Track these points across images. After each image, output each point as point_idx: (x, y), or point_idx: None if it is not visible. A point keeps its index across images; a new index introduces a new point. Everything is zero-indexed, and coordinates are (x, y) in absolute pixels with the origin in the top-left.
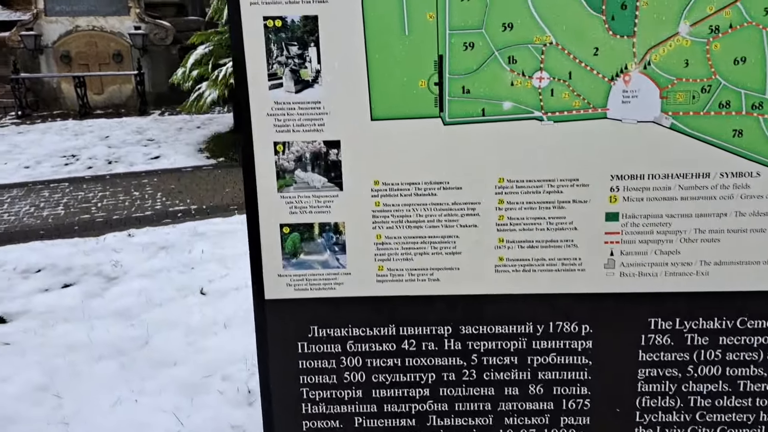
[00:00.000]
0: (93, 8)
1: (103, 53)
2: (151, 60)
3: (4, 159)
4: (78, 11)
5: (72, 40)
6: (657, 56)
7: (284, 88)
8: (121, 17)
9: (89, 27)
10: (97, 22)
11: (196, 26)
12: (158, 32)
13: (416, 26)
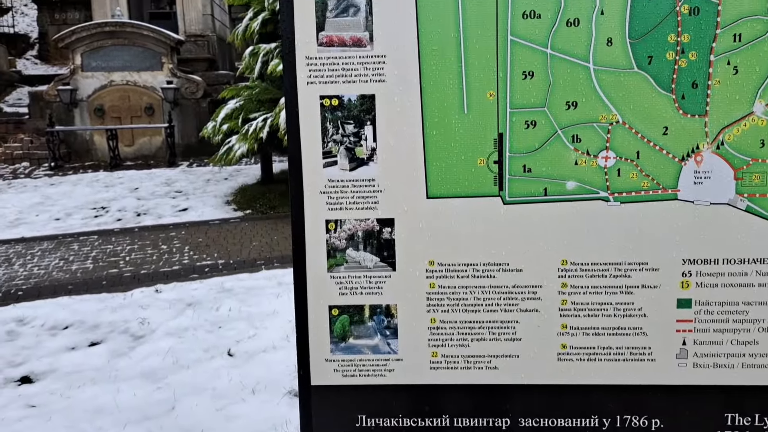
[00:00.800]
0: (128, 64)
1: (136, 106)
2: (181, 113)
3: (36, 211)
4: (113, 67)
5: (106, 94)
6: (730, 136)
7: (339, 165)
8: (154, 72)
9: (123, 81)
10: (131, 77)
11: (226, 80)
12: (189, 86)
13: (476, 104)
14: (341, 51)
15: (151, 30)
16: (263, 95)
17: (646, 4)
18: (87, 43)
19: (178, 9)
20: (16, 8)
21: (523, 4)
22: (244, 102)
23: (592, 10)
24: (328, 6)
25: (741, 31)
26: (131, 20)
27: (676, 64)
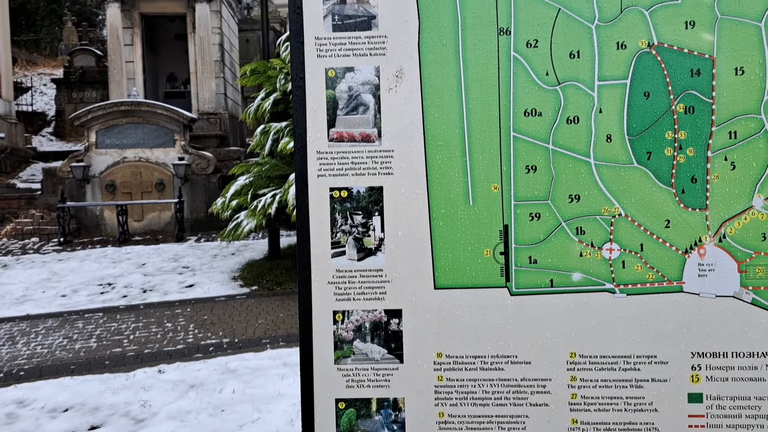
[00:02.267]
0: (141, 141)
1: (147, 182)
2: (191, 188)
3: (43, 287)
4: (127, 144)
5: (118, 170)
6: (732, 229)
7: (347, 256)
8: (167, 149)
9: (136, 158)
10: (144, 154)
11: (236, 156)
12: (200, 162)
13: (481, 197)
14: (351, 146)
15: (165, 109)
16: (273, 171)
17: (642, 103)
18: (102, 121)
19: (192, 88)
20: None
21: (524, 103)
22: (253, 178)
23: (591, 109)
24: (338, 104)
25: (736, 128)
26: (146, 99)
27: (675, 159)
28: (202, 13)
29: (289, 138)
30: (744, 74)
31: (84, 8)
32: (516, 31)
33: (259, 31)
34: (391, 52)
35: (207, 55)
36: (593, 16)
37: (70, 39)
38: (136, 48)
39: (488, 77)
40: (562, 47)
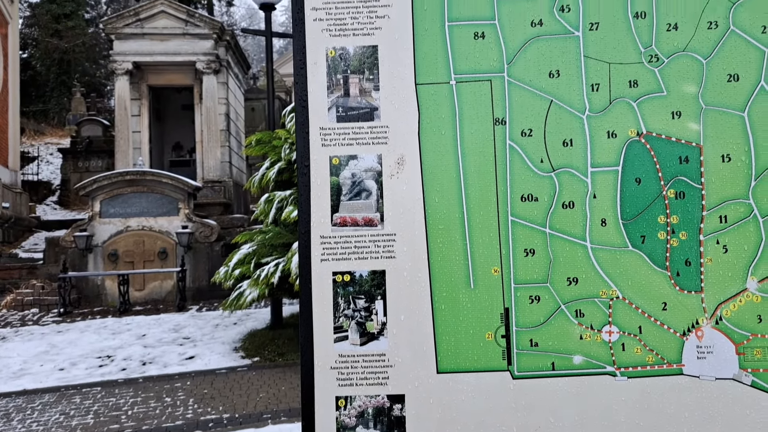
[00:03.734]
0: (145, 210)
1: (150, 251)
2: (194, 256)
3: (41, 360)
4: (131, 213)
5: (121, 239)
6: (728, 312)
7: (349, 341)
8: (171, 217)
9: (139, 227)
10: (147, 223)
11: (240, 224)
12: (204, 230)
13: (482, 279)
14: (354, 230)
15: (170, 178)
16: (276, 240)
17: (634, 189)
18: (107, 190)
19: (197, 157)
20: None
21: (521, 188)
22: (257, 247)
23: (585, 194)
24: (342, 190)
25: (726, 212)
26: (152, 169)
27: (668, 243)
28: (209, 85)
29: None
30: (731, 161)
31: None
32: (511, 121)
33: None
34: (393, 140)
35: (213, 124)
36: (584, 107)
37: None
38: (143, 118)
39: (486, 164)
40: (556, 136)
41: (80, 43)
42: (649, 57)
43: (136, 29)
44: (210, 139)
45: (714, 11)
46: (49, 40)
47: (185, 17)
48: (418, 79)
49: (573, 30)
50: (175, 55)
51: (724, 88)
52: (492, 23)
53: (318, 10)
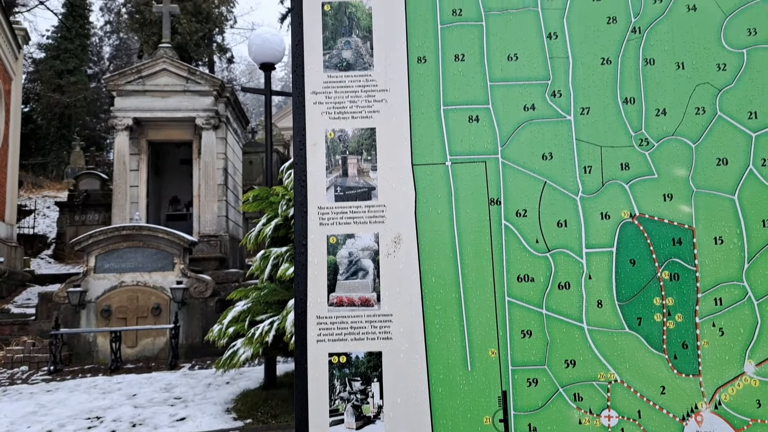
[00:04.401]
0: (140, 265)
1: (143, 307)
2: (188, 312)
3: (29, 421)
4: (125, 268)
5: (115, 294)
6: (727, 396)
7: (345, 424)
8: (165, 273)
9: (134, 282)
10: (142, 278)
11: (235, 278)
12: (198, 286)
13: (479, 362)
14: (350, 310)
15: (166, 233)
16: (271, 297)
17: (629, 270)
18: (103, 245)
19: (194, 212)
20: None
21: (516, 269)
22: (251, 304)
23: (581, 275)
24: (339, 269)
25: (720, 295)
26: (148, 224)
27: (665, 325)
28: (208, 140)
29: (289, 264)
30: (723, 243)
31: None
32: (506, 201)
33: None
34: (390, 220)
35: (211, 179)
36: (577, 188)
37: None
38: (141, 173)
39: (481, 244)
40: (550, 216)
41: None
42: (640, 141)
43: (137, 86)
44: (207, 193)
45: (701, 97)
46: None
47: (186, 74)
48: (415, 159)
49: (565, 114)
50: (175, 111)
51: (714, 172)
52: (486, 107)
53: (318, 94)
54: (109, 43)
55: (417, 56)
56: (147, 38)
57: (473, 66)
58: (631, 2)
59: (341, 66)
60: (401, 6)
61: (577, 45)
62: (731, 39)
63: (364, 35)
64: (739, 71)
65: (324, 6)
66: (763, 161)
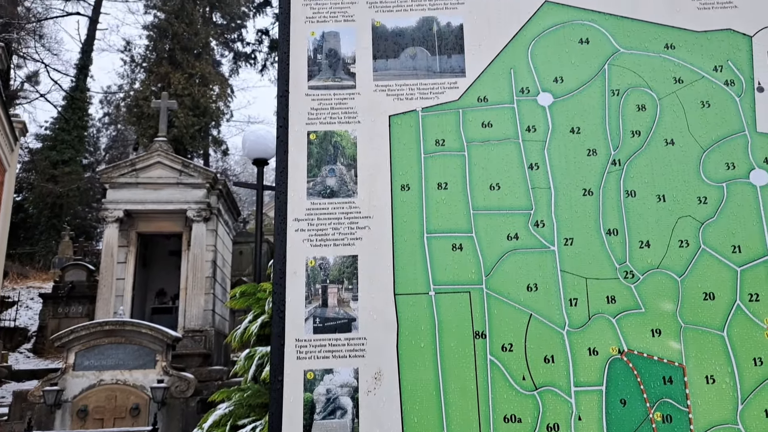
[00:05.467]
0: (121, 362)
1: (121, 407)
2: (168, 412)
3: None
4: (105, 365)
5: (93, 393)
6: None
7: None
8: (147, 370)
9: (113, 381)
10: (122, 376)
11: (218, 376)
12: (180, 384)
13: None
14: None
15: (150, 328)
16: (254, 399)
17: (620, 411)
18: (84, 341)
19: (180, 305)
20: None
21: (503, 408)
22: (234, 407)
23: (570, 416)
24: (316, 408)
25: None
26: (132, 318)
27: None
28: (198, 232)
29: None
30: (715, 383)
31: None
32: (491, 334)
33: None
34: (371, 353)
35: (199, 271)
36: (563, 322)
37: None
38: (129, 266)
39: (466, 380)
40: (537, 351)
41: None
42: (625, 273)
43: (130, 179)
44: (195, 286)
45: (684, 230)
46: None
47: (180, 167)
48: (397, 289)
49: (549, 244)
50: (167, 203)
51: (701, 307)
52: (469, 236)
53: (300, 221)
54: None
55: (401, 184)
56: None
57: (456, 194)
58: (610, 135)
59: (325, 193)
60: (385, 135)
61: (559, 176)
62: (710, 173)
63: (349, 163)
64: (720, 205)
65: (310, 135)
66: (750, 296)
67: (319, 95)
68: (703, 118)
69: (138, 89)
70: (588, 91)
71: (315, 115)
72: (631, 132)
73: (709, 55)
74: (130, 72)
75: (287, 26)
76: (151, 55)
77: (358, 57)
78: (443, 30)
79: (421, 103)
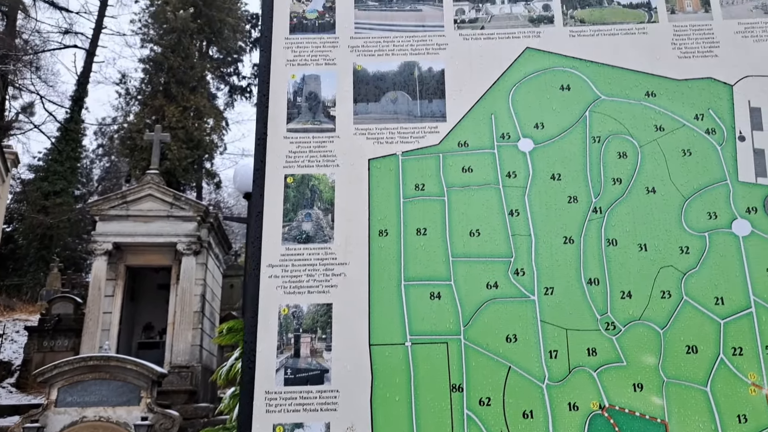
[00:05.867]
0: (104, 399)
1: None
2: None
3: None
4: (88, 402)
5: (75, 431)
6: None
7: None
8: (131, 407)
9: (96, 417)
10: (105, 413)
11: (204, 413)
12: (164, 422)
13: None
14: None
15: (136, 364)
16: None
17: None
18: (67, 377)
19: (167, 339)
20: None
21: None
22: None
23: None
24: None
25: None
26: (118, 353)
27: None
28: (187, 266)
29: None
30: None
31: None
32: (468, 388)
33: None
34: (343, 407)
35: (187, 305)
36: (543, 375)
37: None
38: (116, 299)
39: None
40: (515, 406)
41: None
42: (606, 324)
43: (120, 211)
44: (183, 320)
45: (666, 281)
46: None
47: (171, 200)
48: (373, 339)
49: (529, 294)
50: (157, 236)
51: (684, 361)
52: (448, 283)
53: (274, 267)
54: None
55: (378, 229)
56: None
57: (435, 240)
58: (591, 182)
59: (300, 238)
60: (364, 179)
61: (539, 223)
62: (692, 222)
63: (326, 207)
64: (703, 255)
65: (287, 178)
66: (734, 350)
67: (297, 138)
68: (684, 166)
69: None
70: (569, 137)
71: (293, 158)
72: (613, 179)
73: (690, 104)
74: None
75: (268, 68)
76: (146, 88)
77: (338, 100)
78: (425, 75)
79: (401, 147)
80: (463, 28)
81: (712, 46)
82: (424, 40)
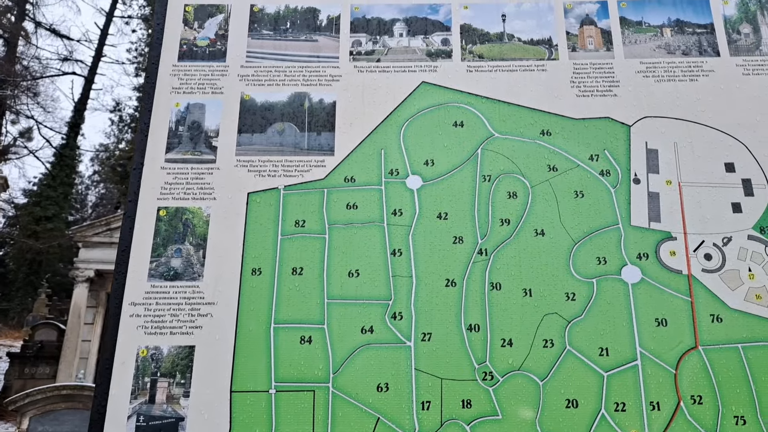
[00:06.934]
0: (77, 428)
1: None
2: None
3: None
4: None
5: None
6: None
7: None
8: None
9: None
10: None
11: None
12: None
13: None
14: None
15: None
16: None
17: None
18: (39, 406)
19: None
20: None
21: None
22: None
23: None
24: None
25: None
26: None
27: None
28: None
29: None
30: None
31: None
32: None
33: None
34: None
35: None
36: (413, 427)
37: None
38: (96, 327)
39: None
40: None
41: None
42: (483, 374)
43: (104, 238)
44: None
45: (549, 329)
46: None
47: None
48: (235, 385)
49: (405, 339)
50: None
51: (563, 415)
52: (321, 327)
53: (137, 305)
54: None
55: (252, 267)
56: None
57: (311, 281)
58: (478, 223)
59: (168, 275)
60: (242, 214)
61: (422, 264)
62: (580, 267)
63: (198, 243)
64: (589, 302)
65: (159, 211)
66: (617, 405)
67: (175, 169)
68: (576, 208)
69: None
70: (459, 175)
71: (168, 190)
72: (501, 220)
73: (586, 144)
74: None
75: (151, 96)
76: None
77: (222, 130)
78: (315, 106)
79: (284, 181)
80: (358, 60)
81: (611, 85)
82: (318, 71)
